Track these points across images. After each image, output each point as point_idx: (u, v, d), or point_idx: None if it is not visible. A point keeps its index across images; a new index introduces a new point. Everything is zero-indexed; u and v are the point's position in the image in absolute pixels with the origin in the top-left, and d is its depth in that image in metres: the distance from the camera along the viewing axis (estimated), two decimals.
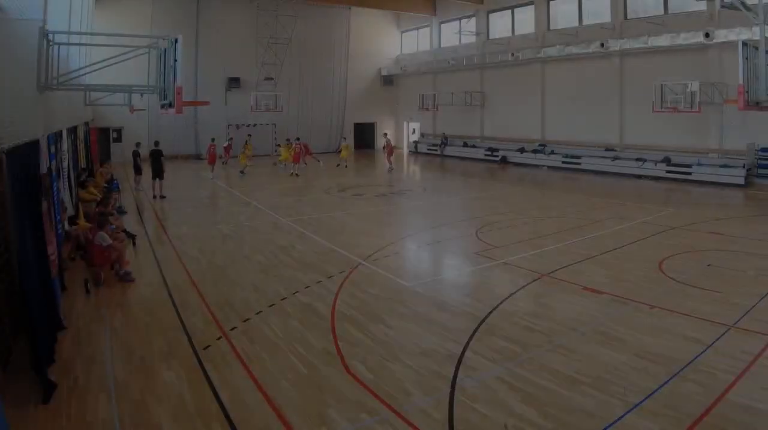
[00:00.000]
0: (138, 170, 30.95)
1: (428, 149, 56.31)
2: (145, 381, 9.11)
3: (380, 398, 8.54)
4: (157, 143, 30.06)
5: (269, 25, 50.27)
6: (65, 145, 20.41)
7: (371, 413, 8.13)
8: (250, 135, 44.72)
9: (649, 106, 33.99)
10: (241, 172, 37.80)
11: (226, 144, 43.27)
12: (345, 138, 51.92)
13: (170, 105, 15.02)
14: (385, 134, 46.38)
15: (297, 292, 13.84)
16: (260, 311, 12.47)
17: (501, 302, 12.87)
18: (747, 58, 18.13)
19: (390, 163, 41.67)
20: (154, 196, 28.49)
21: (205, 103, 42.60)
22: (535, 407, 8.22)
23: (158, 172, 28.63)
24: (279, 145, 43.10)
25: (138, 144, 31.52)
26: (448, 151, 53.36)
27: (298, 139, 41.21)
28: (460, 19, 54.40)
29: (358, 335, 11.11)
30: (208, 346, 10.52)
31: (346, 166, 42.12)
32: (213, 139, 38.73)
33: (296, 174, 36.86)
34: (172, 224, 22.65)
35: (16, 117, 9.50)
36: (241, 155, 39.36)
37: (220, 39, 50.87)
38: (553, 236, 19.47)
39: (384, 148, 44.53)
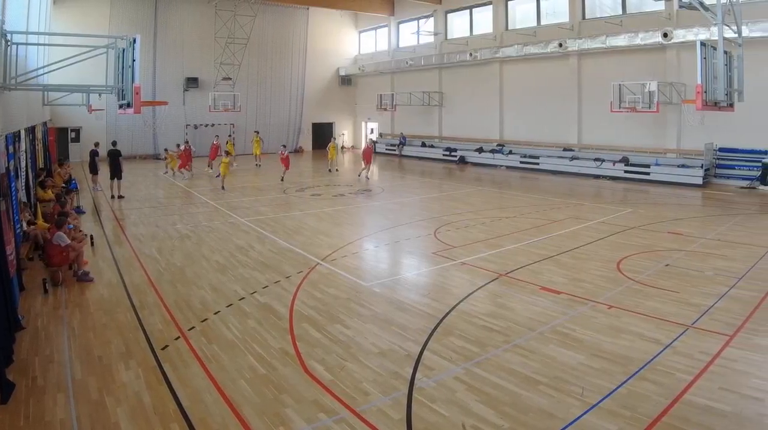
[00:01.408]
0: (95, 170, 30.82)
1: (386, 149, 56.48)
2: (103, 381, 9.11)
3: (338, 397, 8.56)
4: (114, 143, 29.94)
5: (227, 25, 50.39)
6: (23, 145, 20.16)
7: (329, 412, 8.15)
8: (230, 136, 44.53)
9: (607, 106, 34.29)
10: (223, 187, 32.27)
11: (182, 148, 38.63)
12: (335, 138, 50.86)
13: (128, 105, 15.22)
14: (371, 135, 44.83)
15: (255, 292, 13.90)
16: (218, 311, 12.51)
17: (459, 302, 12.91)
18: (705, 58, 18.39)
19: (368, 169, 37.52)
20: (112, 197, 28.39)
21: (164, 103, 42.20)
22: (492, 406, 8.25)
23: (116, 173, 28.50)
24: (167, 150, 39.88)
25: (96, 144, 31.37)
26: (407, 151, 53.54)
27: (186, 142, 40.02)
28: (418, 19, 54.80)
29: (316, 335, 11.12)
30: (167, 346, 10.54)
31: (337, 170, 41.47)
32: (217, 136, 41.15)
33: (182, 175, 36.12)
34: (131, 224, 22.45)
35: None
36: (222, 165, 32.97)
37: (178, 39, 51.12)
38: (511, 236, 19.54)
39: (363, 152, 39.07)
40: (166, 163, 39.27)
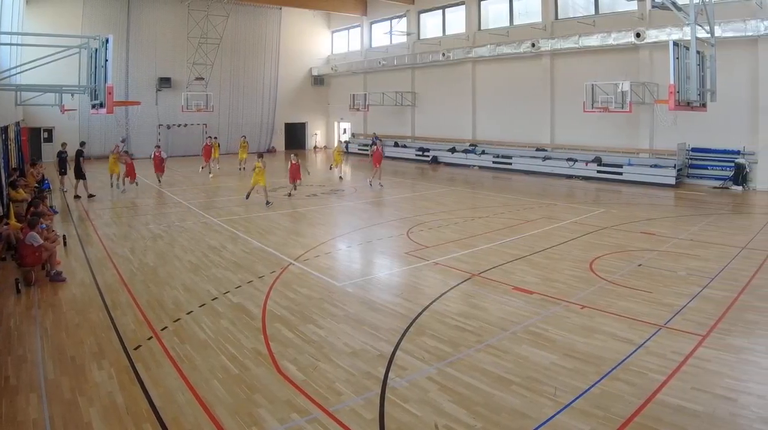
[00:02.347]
0: (63, 171, 30.58)
1: (359, 149, 56.21)
2: (76, 381, 9.08)
3: (311, 397, 8.57)
4: (82, 144, 29.64)
5: (200, 25, 50.45)
6: None
7: (302, 412, 8.16)
8: (215, 137, 43.97)
9: (580, 106, 34.48)
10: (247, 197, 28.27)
11: (119, 148, 33.63)
12: (342, 141, 51.69)
13: (101, 105, 15.18)
14: (375, 136, 43.63)
15: (228, 292, 13.88)
16: (191, 311, 12.50)
17: (432, 302, 12.91)
18: (678, 58, 18.46)
19: (377, 175, 33.70)
20: (76, 197, 28.08)
21: (136, 103, 42.04)
22: (465, 406, 8.25)
23: (79, 174, 28.37)
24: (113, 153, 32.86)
25: (64, 145, 30.90)
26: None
27: (157, 146, 38.43)
28: (391, 19, 54.88)
29: (288, 334, 11.13)
30: (139, 346, 10.52)
31: (341, 178, 37.62)
32: (209, 137, 40.50)
33: (123, 189, 31.19)
34: (103, 224, 22.30)
35: None
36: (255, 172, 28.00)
37: (151, 39, 51.05)
38: (483, 236, 19.57)
39: (373, 156, 34.06)
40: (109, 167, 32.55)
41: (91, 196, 28.22)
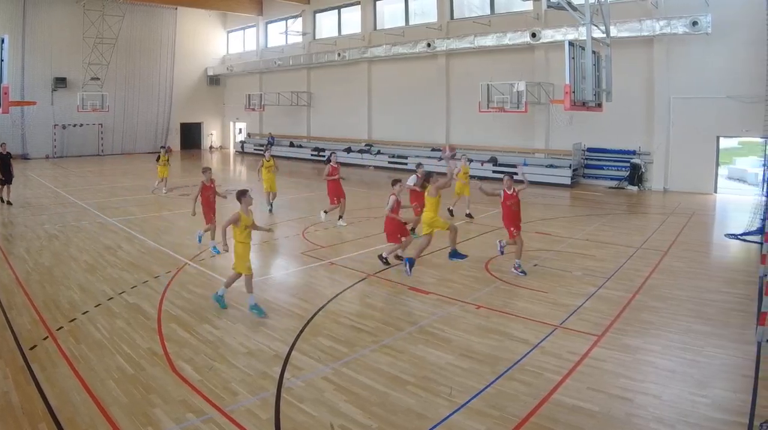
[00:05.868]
0: None
1: (255, 149, 56.29)
2: None
3: (207, 397, 8.63)
4: (3, 145, 28.26)
5: (96, 25, 50.31)
6: None
7: (197, 412, 8.19)
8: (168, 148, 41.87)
9: (476, 106, 35.06)
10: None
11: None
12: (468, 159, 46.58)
13: None
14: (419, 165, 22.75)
15: (123, 292, 13.86)
16: (86, 311, 12.45)
17: (327, 302, 12.94)
18: (573, 58, 18.80)
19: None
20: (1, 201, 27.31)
21: (32, 103, 41.44)
22: (361, 406, 8.29)
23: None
24: None
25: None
26: (275, 151, 52.68)
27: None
28: (286, 19, 54.97)
29: (184, 335, 11.17)
30: (35, 346, 10.48)
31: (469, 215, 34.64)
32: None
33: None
34: None
35: None
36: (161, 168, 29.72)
37: (46, 39, 50.55)
38: (379, 236, 19.45)
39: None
40: None
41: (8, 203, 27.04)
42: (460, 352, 10.18)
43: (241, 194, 12.90)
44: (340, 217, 22.01)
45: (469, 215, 23.02)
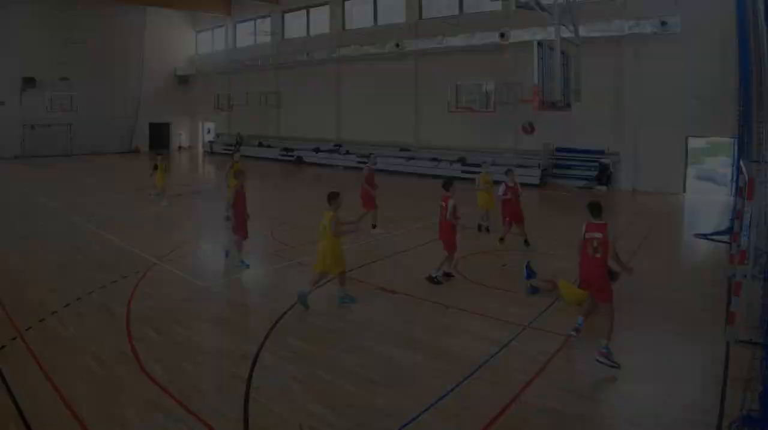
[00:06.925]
0: None
1: (223, 149, 56.35)
2: None
3: (175, 397, 8.61)
4: None
5: (65, 25, 50.70)
6: None
7: (166, 412, 8.20)
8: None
9: (444, 106, 35.00)
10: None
11: None
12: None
13: None
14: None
15: (92, 292, 13.77)
16: (55, 312, 12.38)
17: (296, 302, 12.79)
18: (542, 59, 18.81)
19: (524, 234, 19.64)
20: None
21: None
22: (330, 406, 8.31)
23: None
24: None
25: None
26: (243, 150, 52.64)
27: None
28: (255, 19, 55.31)
29: (153, 335, 11.19)
30: (4, 346, 10.47)
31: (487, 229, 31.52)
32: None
33: None
34: None
35: None
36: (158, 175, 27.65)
37: (14, 39, 50.30)
38: (347, 237, 19.45)
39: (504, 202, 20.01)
40: None
41: None
42: (429, 352, 10.20)
43: (335, 196, 12.84)
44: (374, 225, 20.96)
45: (486, 229, 21.44)
